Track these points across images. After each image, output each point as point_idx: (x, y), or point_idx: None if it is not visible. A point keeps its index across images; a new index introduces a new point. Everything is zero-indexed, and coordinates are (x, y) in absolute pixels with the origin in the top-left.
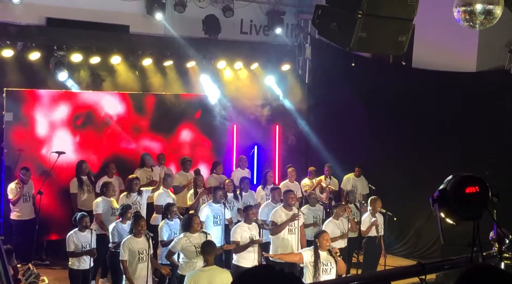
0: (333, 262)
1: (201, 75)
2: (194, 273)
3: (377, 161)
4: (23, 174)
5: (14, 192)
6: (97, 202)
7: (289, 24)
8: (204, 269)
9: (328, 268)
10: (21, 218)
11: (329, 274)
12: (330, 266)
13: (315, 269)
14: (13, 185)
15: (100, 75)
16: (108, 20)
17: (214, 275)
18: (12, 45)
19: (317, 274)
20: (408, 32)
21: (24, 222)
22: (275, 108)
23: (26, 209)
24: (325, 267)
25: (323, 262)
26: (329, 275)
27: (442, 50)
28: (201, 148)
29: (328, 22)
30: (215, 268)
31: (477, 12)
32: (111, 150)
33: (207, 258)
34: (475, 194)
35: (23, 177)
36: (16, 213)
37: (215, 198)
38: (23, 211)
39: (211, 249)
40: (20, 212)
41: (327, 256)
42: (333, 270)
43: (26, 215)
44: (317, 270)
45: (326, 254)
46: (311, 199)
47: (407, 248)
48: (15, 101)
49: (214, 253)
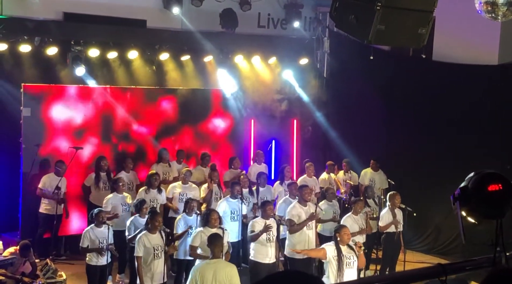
0: (354, 256)
1: (218, 70)
2: (200, 266)
3: (396, 155)
4: (59, 166)
5: (46, 183)
6: (107, 198)
7: (307, 17)
8: (210, 261)
9: (351, 262)
10: (50, 212)
11: (351, 267)
12: (352, 260)
13: (338, 263)
14: (46, 177)
15: (117, 70)
16: (125, 14)
17: (219, 267)
18: (30, 41)
19: (341, 268)
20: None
21: (53, 217)
22: (293, 102)
23: (55, 204)
24: (348, 261)
25: (346, 256)
26: (352, 268)
27: (463, 43)
28: (218, 143)
29: (346, 15)
30: (220, 261)
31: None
32: (128, 144)
33: (213, 250)
34: (498, 192)
35: (58, 169)
36: (44, 207)
37: (232, 193)
38: (54, 206)
39: (217, 242)
40: (49, 206)
41: (348, 249)
42: (355, 263)
43: (54, 210)
44: (341, 264)
45: (347, 248)
46: (328, 194)
47: (427, 244)
48: (33, 97)
49: (221, 245)
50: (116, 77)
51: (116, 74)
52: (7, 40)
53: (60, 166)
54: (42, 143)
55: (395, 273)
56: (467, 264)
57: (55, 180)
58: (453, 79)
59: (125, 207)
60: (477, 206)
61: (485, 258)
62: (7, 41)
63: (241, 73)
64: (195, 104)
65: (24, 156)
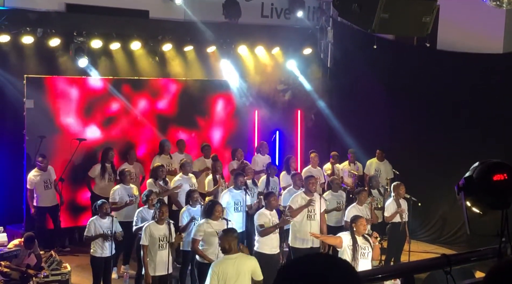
0: (369, 247)
1: (222, 60)
2: (220, 261)
3: (401, 145)
4: (40, 161)
5: (31, 181)
6: (114, 189)
7: (311, 7)
8: (230, 256)
9: (366, 252)
10: (43, 204)
11: (366, 258)
12: (367, 250)
13: (353, 253)
14: (31, 175)
15: (120, 61)
16: (128, 5)
17: (241, 262)
18: (32, 32)
19: (356, 258)
20: (432, 13)
21: (46, 208)
22: (297, 92)
23: (48, 196)
24: (363, 251)
25: (361, 246)
26: (366, 259)
27: (468, 31)
28: (221, 134)
29: (349, 3)
30: (241, 255)
31: None
32: (131, 136)
33: (229, 245)
34: (504, 182)
35: (40, 164)
36: (39, 200)
37: (236, 183)
38: (44, 198)
39: (231, 236)
40: (42, 199)
41: (363, 240)
42: (369, 254)
43: (48, 202)
44: (355, 254)
45: (362, 239)
46: (333, 185)
47: (432, 234)
48: (36, 88)
49: (236, 238)
50: (119, 68)
51: (119, 65)
52: (9, 32)
53: (41, 161)
54: (45, 134)
55: (400, 264)
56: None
57: (41, 175)
58: (457, 68)
59: (132, 198)
60: (482, 196)
61: (491, 248)
62: (9, 32)
63: (244, 64)
64: (198, 94)
65: (28, 148)
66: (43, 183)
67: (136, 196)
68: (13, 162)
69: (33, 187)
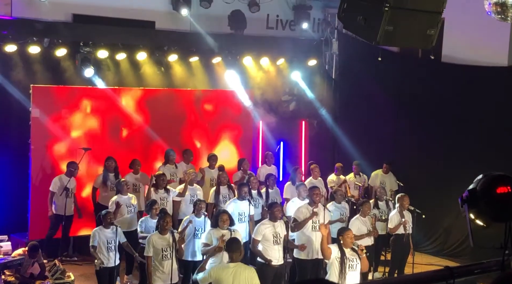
0: (358, 259)
1: (227, 71)
2: (219, 267)
3: (405, 156)
4: (72, 167)
5: (55, 183)
6: (112, 200)
7: (316, 18)
8: (229, 265)
9: (354, 264)
10: (59, 212)
11: (354, 270)
12: (355, 262)
13: (341, 265)
14: (57, 178)
15: (125, 71)
16: (134, 16)
17: (239, 271)
18: (39, 42)
19: (344, 270)
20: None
21: (63, 217)
22: (301, 103)
23: (69, 205)
24: (351, 263)
25: (349, 258)
26: (355, 271)
27: (472, 44)
28: (226, 144)
29: (354, 16)
30: (240, 265)
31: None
32: (137, 145)
33: (231, 255)
34: (507, 194)
35: (72, 170)
36: (58, 207)
37: (240, 194)
38: (65, 206)
39: (236, 247)
40: (59, 207)
41: (351, 252)
42: (358, 266)
43: (68, 211)
44: (343, 266)
45: (350, 251)
46: (337, 196)
47: (436, 246)
48: (42, 98)
49: (240, 250)
50: (125, 78)
51: (125, 75)
52: (16, 42)
53: (73, 167)
54: (50, 144)
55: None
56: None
57: (65, 181)
58: (462, 81)
59: (130, 208)
60: (486, 208)
61: (494, 261)
62: (16, 42)
63: (249, 75)
64: (203, 105)
65: (33, 157)
66: (64, 191)
67: (134, 206)
68: (18, 170)
69: (55, 190)
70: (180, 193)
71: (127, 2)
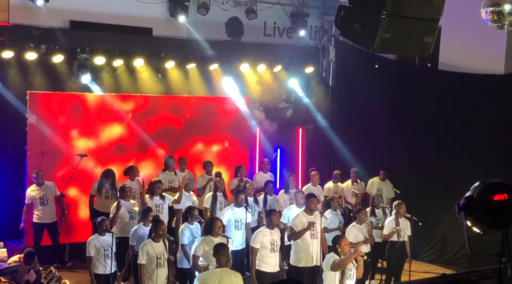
0: (354, 267)
1: (224, 78)
2: (205, 273)
3: (401, 164)
4: (35, 177)
5: (28, 196)
6: (114, 206)
7: (313, 26)
8: (215, 270)
9: (351, 273)
10: (41, 220)
11: (352, 279)
12: (353, 271)
13: (342, 274)
14: (29, 190)
15: (122, 78)
16: (131, 23)
17: (224, 276)
18: (36, 48)
19: (344, 279)
20: (434, 33)
21: (44, 225)
22: (298, 111)
23: (46, 212)
24: (350, 272)
25: (348, 267)
26: (352, 280)
27: (469, 52)
28: (224, 151)
29: (351, 23)
30: (226, 270)
31: (506, 13)
32: (134, 152)
33: (219, 259)
34: (504, 202)
35: (34, 180)
36: (36, 216)
37: (236, 201)
38: (43, 214)
39: (223, 251)
40: (40, 215)
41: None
42: (354, 274)
43: (47, 218)
44: (343, 275)
45: None
46: (334, 203)
47: (433, 254)
48: (39, 104)
49: (227, 255)
50: (122, 85)
51: (122, 82)
52: (13, 48)
53: (35, 177)
54: (47, 150)
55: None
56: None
57: (38, 190)
58: (459, 89)
59: (132, 214)
60: (482, 215)
61: (491, 268)
62: (13, 48)
63: (246, 81)
64: (200, 112)
65: (29, 163)
66: (39, 199)
67: (136, 212)
68: (15, 177)
69: (30, 202)
70: (176, 200)
71: (125, 9)
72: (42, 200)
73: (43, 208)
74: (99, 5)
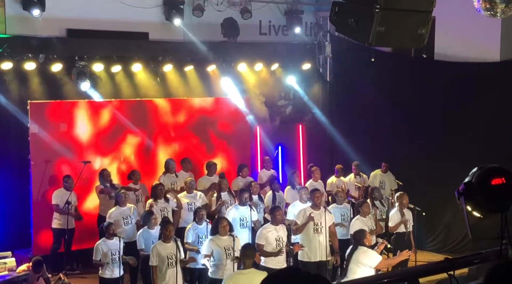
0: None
1: (222, 78)
2: (232, 276)
3: (402, 155)
4: (65, 181)
5: (54, 196)
6: (110, 212)
7: (308, 23)
8: (242, 271)
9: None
10: (63, 226)
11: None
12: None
13: None
14: (57, 191)
15: (122, 83)
16: (128, 28)
17: (253, 277)
18: (34, 58)
19: None
20: (428, 24)
21: (65, 231)
22: (297, 107)
23: (70, 218)
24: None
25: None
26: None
27: (464, 41)
28: (225, 151)
29: (346, 18)
30: (253, 271)
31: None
32: (136, 156)
33: (245, 261)
34: (502, 185)
35: (65, 184)
36: (57, 222)
37: (241, 200)
38: (64, 219)
39: (250, 252)
40: (62, 221)
41: None
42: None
43: (69, 224)
44: None
45: None
46: (338, 197)
47: (438, 243)
48: (40, 113)
49: (253, 256)
50: (121, 90)
51: (121, 87)
52: (12, 59)
53: (66, 181)
54: (50, 159)
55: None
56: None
57: (65, 195)
58: (456, 78)
59: (127, 220)
60: (482, 200)
61: (492, 251)
62: (12, 59)
63: (244, 81)
64: (200, 113)
65: (33, 172)
66: (64, 204)
67: (132, 217)
68: (19, 187)
69: (58, 203)
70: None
71: (120, 15)
72: (69, 205)
73: (68, 214)
74: (95, 12)
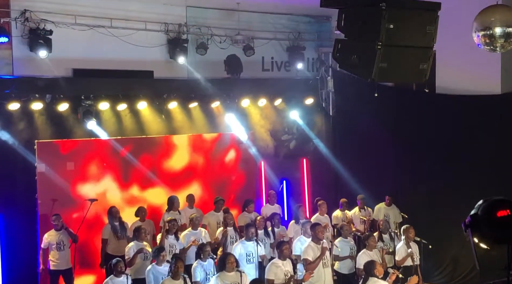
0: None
1: (226, 114)
2: None
3: (407, 188)
4: (54, 220)
5: (44, 240)
6: (129, 247)
7: (310, 58)
8: None
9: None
10: (57, 267)
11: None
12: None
13: None
14: (46, 234)
15: (127, 121)
16: (133, 67)
17: None
18: (41, 98)
19: None
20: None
21: (60, 271)
22: (301, 142)
23: (62, 258)
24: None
25: None
26: None
27: (465, 74)
28: (229, 186)
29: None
30: None
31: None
32: (142, 194)
33: None
34: (507, 217)
35: (54, 223)
36: (52, 263)
37: (247, 235)
38: (59, 260)
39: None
40: (57, 261)
41: None
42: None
43: (63, 265)
44: None
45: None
46: (343, 231)
47: (445, 276)
48: (47, 153)
49: None
50: (127, 128)
51: (127, 125)
52: (19, 99)
53: (54, 220)
54: (57, 197)
55: None
56: None
57: (55, 235)
58: (457, 111)
59: (147, 254)
60: (488, 231)
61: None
62: (19, 100)
63: (248, 116)
64: (204, 149)
65: (41, 212)
66: (56, 244)
67: (149, 252)
68: (27, 226)
69: (46, 247)
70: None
71: (125, 54)
72: (59, 245)
73: (59, 253)
74: (100, 52)
